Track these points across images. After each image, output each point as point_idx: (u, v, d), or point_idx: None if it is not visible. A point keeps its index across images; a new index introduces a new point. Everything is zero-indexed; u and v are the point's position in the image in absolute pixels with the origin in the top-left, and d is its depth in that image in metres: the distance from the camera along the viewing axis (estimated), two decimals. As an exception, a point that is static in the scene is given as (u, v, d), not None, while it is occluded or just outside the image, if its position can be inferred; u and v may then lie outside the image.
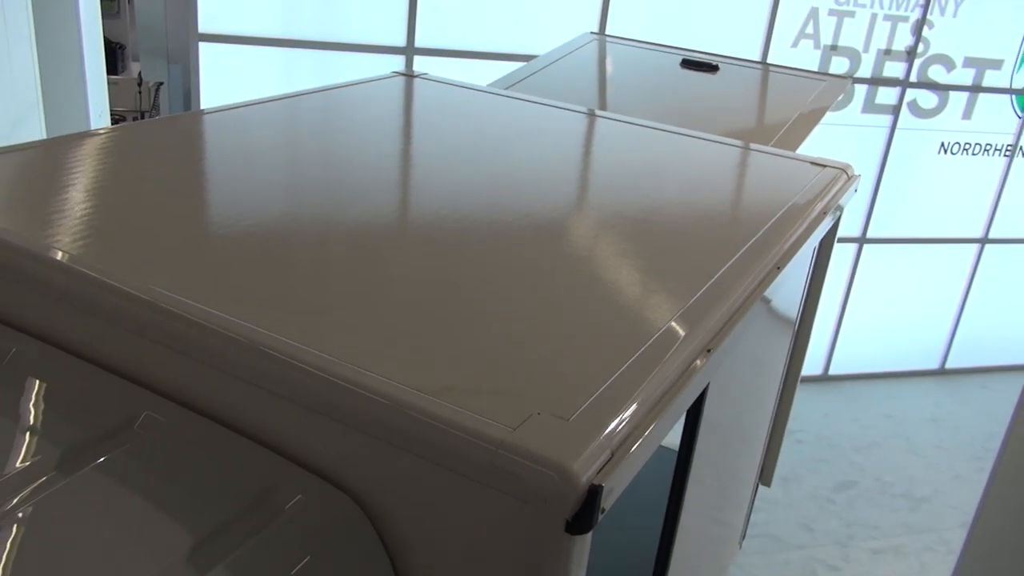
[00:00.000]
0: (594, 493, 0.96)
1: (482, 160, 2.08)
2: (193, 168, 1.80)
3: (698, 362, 1.25)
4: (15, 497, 1.04)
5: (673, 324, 1.32)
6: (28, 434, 1.16)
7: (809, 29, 4.94)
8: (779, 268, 1.64)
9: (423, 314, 1.29)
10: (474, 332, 1.25)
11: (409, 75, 2.80)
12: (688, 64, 3.27)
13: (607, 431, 1.04)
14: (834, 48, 5.02)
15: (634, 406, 1.10)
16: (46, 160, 1.74)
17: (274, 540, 1.05)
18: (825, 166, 2.30)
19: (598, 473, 0.98)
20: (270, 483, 1.12)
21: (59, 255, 1.33)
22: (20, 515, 1.02)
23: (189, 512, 1.06)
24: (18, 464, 1.09)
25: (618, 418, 1.07)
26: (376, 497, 1.12)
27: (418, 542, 1.11)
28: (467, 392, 1.09)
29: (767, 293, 1.56)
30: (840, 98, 3.42)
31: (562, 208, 1.83)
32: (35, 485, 1.07)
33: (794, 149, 2.61)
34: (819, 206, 2.01)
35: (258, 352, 1.14)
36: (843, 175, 2.26)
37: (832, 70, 5.01)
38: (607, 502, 0.99)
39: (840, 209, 2.14)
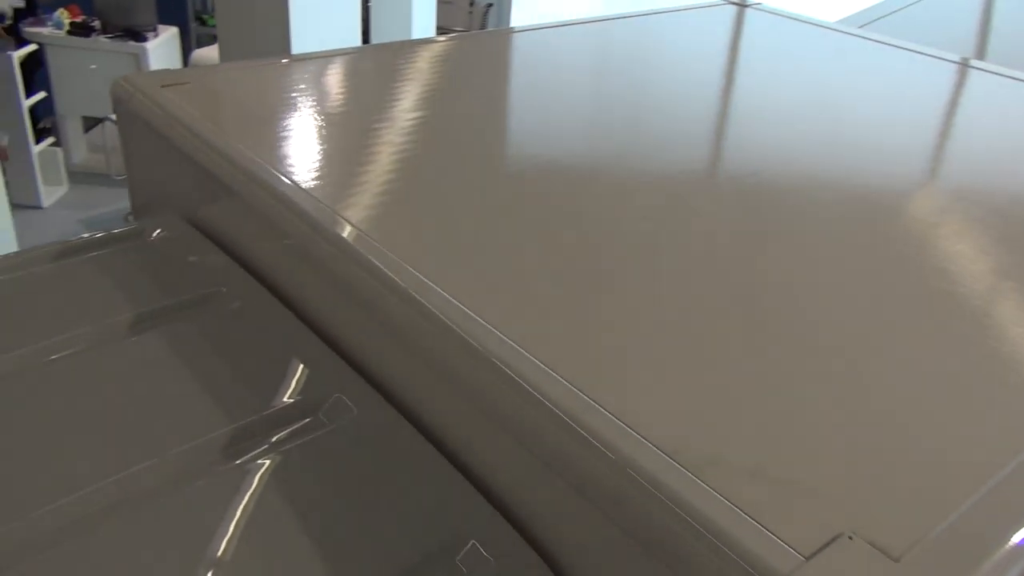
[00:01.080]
0: None
1: (822, 116, 1.66)
2: (487, 97, 1.61)
3: None
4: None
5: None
6: (218, 396, 1.02)
7: None
8: None
9: (703, 338, 0.94)
10: (767, 377, 0.88)
11: (742, 4, 2.40)
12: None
13: (961, 594, 0.64)
14: None
15: (1009, 547, 0.69)
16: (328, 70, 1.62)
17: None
18: None
19: (938, 673, 0.60)
20: (467, 528, 0.87)
21: (314, 206, 1.13)
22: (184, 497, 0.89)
23: (365, 540, 0.86)
24: (194, 431, 0.96)
25: (982, 570, 0.67)
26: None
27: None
28: (739, 474, 0.74)
29: None
30: None
31: (921, 193, 1.37)
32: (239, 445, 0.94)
33: None
34: None
35: (496, 371, 0.86)
36: None
37: None
38: None
39: None
